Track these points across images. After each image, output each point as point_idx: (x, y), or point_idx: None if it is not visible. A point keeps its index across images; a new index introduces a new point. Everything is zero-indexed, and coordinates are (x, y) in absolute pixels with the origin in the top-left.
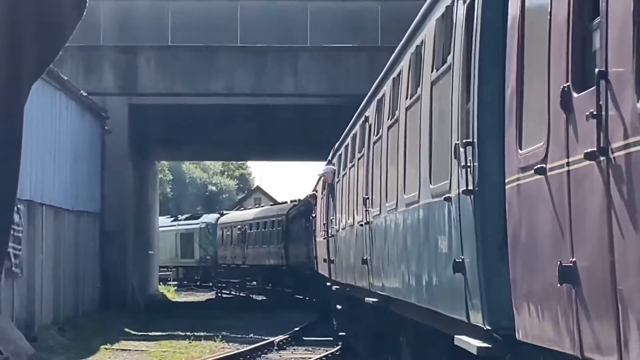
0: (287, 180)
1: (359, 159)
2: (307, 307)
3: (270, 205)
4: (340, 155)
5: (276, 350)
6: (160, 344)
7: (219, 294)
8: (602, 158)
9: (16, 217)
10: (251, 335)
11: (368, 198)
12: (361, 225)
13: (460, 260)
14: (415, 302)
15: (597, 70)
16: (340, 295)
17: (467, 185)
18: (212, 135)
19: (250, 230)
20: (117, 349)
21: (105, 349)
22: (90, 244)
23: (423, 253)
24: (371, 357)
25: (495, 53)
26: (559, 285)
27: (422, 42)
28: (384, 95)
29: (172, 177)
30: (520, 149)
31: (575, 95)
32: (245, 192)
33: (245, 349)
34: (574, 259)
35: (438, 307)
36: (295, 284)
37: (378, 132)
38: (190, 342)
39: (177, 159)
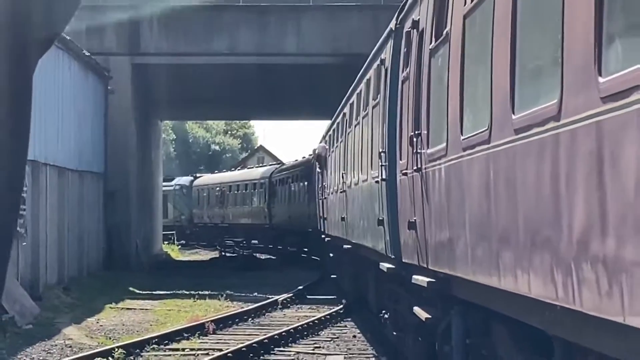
0: (290, 139)
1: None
2: (311, 266)
3: (256, 167)
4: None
5: (280, 308)
6: (165, 303)
7: (223, 253)
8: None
9: None
10: (255, 294)
11: (345, 173)
12: (342, 192)
13: (382, 218)
14: (362, 243)
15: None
16: (332, 246)
17: (382, 175)
18: (215, 94)
19: (230, 191)
20: (122, 308)
21: (110, 307)
22: (94, 204)
23: (367, 213)
24: (349, 283)
25: (395, 99)
26: (408, 230)
27: (366, 83)
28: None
29: (175, 137)
30: (400, 160)
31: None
32: (249, 151)
33: (249, 307)
34: (415, 218)
35: (371, 245)
36: (277, 241)
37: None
38: (194, 301)
39: (180, 119)
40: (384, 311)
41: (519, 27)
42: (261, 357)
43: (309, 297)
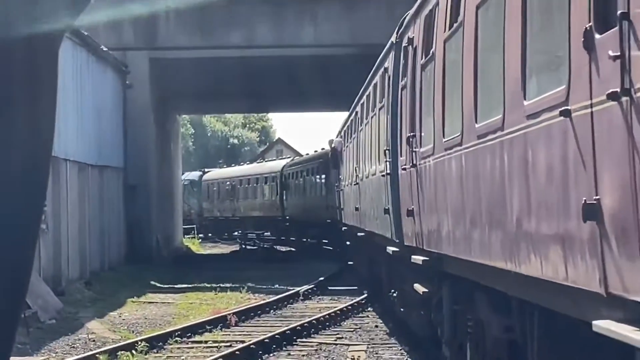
0: (308, 131)
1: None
2: (332, 257)
3: (265, 161)
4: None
5: (302, 300)
6: (187, 296)
7: (243, 246)
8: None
9: None
10: (276, 285)
11: (357, 166)
12: (355, 184)
13: (388, 207)
14: (373, 230)
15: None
16: (348, 234)
17: (387, 170)
18: (233, 87)
19: (241, 185)
20: (144, 302)
21: (132, 301)
22: (114, 198)
23: (376, 203)
24: (365, 268)
25: (396, 104)
26: (407, 217)
27: (374, 86)
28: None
29: (193, 131)
30: (401, 157)
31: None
32: (267, 144)
33: (271, 299)
34: (412, 206)
35: (378, 231)
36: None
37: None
38: (216, 294)
39: (198, 113)
40: (392, 290)
41: (480, 54)
42: (284, 349)
43: (330, 288)
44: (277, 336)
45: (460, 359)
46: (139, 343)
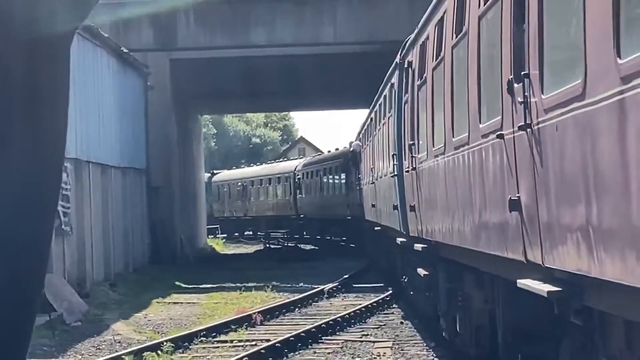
0: (331, 129)
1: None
2: (355, 255)
3: (277, 162)
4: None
5: (326, 298)
6: (211, 296)
7: (267, 245)
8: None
9: (64, 176)
10: (301, 284)
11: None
12: (372, 183)
13: (396, 204)
14: (387, 224)
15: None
16: (367, 229)
17: (394, 172)
18: (253, 87)
19: (253, 185)
20: (169, 302)
21: (157, 302)
22: (137, 199)
23: (388, 200)
24: (383, 260)
25: (401, 115)
26: (410, 212)
27: (384, 97)
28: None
29: (215, 131)
30: (404, 161)
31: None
32: (289, 143)
33: (296, 297)
34: (414, 203)
35: (390, 224)
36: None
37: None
38: (240, 293)
39: (219, 113)
40: (404, 276)
41: (455, 85)
42: (309, 347)
43: (354, 285)
44: (302, 334)
45: (452, 328)
46: (165, 343)
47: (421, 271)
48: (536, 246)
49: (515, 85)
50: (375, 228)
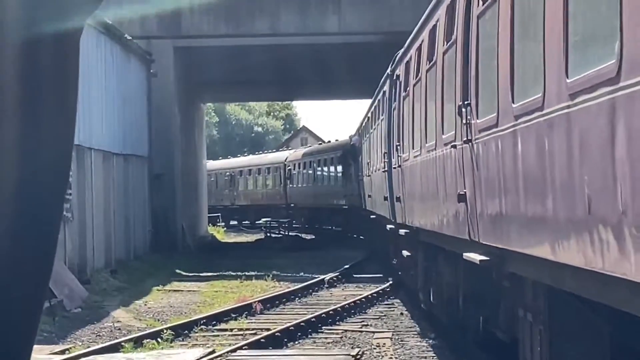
0: (333, 119)
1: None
2: (356, 246)
3: (265, 153)
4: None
5: (327, 287)
6: (212, 284)
7: (268, 234)
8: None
9: None
10: (301, 273)
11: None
12: (368, 176)
13: (386, 195)
14: (380, 213)
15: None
16: (363, 217)
17: (385, 167)
18: (257, 75)
19: (241, 176)
20: (169, 290)
21: (158, 290)
22: (139, 187)
23: (380, 192)
24: (378, 244)
25: (390, 120)
26: (396, 202)
27: (378, 102)
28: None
29: (217, 119)
30: (392, 159)
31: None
32: (292, 132)
33: (296, 287)
34: (399, 194)
35: (382, 213)
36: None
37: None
38: (241, 282)
39: (222, 101)
40: (394, 259)
41: (428, 101)
42: (309, 336)
43: (355, 275)
44: (302, 324)
45: (428, 300)
46: (165, 331)
47: (405, 253)
48: (475, 228)
49: (463, 110)
50: (371, 216)
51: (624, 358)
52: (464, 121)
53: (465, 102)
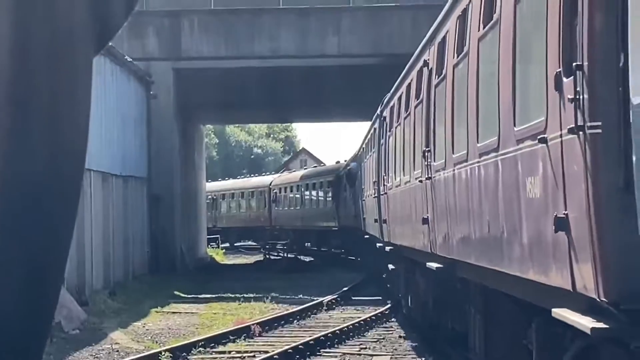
0: (332, 141)
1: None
2: (355, 267)
3: (249, 177)
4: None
5: (325, 310)
6: (210, 306)
7: (267, 256)
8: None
9: None
10: (300, 296)
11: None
12: (363, 200)
13: (377, 218)
14: (373, 233)
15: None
16: (358, 237)
17: (375, 194)
18: (257, 97)
19: (224, 199)
20: (168, 312)
21: (156, 312)
22: (138, 208)
23: (372, 215)
24: (372, 262)
25: (379, 153)
26: (384, 224)
27: (371, 135)
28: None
29: (217, 141)
30: (381, 186)
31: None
32: (291, 154)
33: (294, 309)
34: (385, 217)
35: (374, 233)
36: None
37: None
38: (239, 304)
39: (222, 123)
40: (384, 274)
41: (405, 143)
42: (307, 359)
43: (353, 298)
44: (300, 346)
45: (407, 305)
46: (163, 353)
47: (391, 266)
48: (434, 243)
49: (426, 154)
50: (365, 236)
51: (532, 334)
52: (426, 162)
53: (427, 149)
